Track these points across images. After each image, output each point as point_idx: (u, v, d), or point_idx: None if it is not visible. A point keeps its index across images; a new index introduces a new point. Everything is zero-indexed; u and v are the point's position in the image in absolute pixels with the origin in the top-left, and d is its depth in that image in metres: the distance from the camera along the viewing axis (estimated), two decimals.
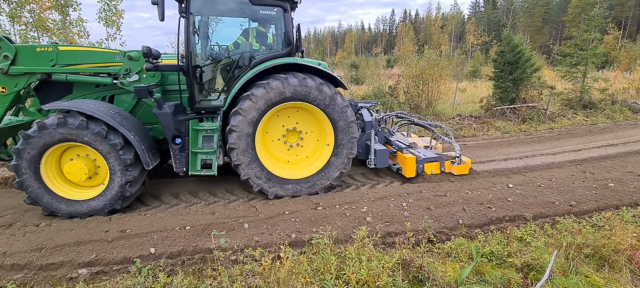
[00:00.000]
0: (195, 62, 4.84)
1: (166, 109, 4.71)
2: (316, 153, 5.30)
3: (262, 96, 4.61)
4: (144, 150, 4.45)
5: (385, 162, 5.70)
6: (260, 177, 4.90)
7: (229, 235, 3.79)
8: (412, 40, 66.33)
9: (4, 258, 3.47)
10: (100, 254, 3.51)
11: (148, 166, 4.51)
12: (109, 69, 4.95)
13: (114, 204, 4.50)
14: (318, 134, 5.24)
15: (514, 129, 9.61)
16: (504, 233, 3.91)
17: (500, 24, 52.78)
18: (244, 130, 4.67)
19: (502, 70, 11.51)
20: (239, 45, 5.41)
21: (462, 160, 5.67)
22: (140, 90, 4.65)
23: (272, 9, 4.93)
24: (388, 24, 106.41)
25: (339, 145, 5.09)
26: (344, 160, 5.14)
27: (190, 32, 4.67)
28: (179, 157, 4.84)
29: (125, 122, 4.47)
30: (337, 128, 5.01)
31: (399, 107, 12.00)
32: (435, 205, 4.54)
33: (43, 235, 3.93)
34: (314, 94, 4.75)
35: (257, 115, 4.67)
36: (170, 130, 4.75)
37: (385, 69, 29.82)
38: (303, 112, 5.07)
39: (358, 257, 3.17)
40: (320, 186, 5.14)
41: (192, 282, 3.10)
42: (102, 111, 4.32)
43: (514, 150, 7.41)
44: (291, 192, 5.04)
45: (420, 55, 13.39)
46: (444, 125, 6.75)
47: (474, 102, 14.54)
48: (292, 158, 5.29)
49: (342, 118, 4.96)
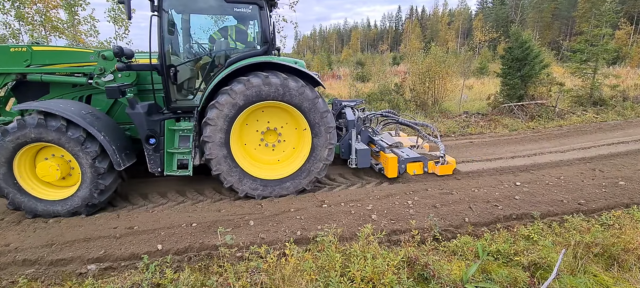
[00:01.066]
0: (170, 61, 4.74)
1: (139, 108, 4.64)
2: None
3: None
4: (114, 150, 4.38)
5: (367, 162, 5.57)
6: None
7: (235, 232, 3.82)
8: (419, 37, 65.80)
9: (16, 254, 3.54)
10: (109, 250, 3.57)
11: (119, 166, 4.43)
12: (84, 69, 4.92)
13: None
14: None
15: (521, 126, 9.49)
16: (510, 232, 3.88)
17: (508, 20, 52.06)
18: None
19: (510, 66, 11.37)
20: (214, 41, 5.29)
21: (446, 161, 5.55)
22: (111, 90, 4.57)
23: (247, 6, 4.81)
24: (394, 21, 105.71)
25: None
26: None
27: (164, 30, 4.60)
28: (153, 157, 4.78)
29: (96, 122, 4.40)
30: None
31: (405, 105, 11.94)
32: (441, 203, 4.52)
33: (53, 232, 4.00)
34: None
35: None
36: (143, 130, 4.69)
37: (391, 67, 29.65)
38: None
39: (363, 254, 3.17)
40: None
41: (199, 278, 3.13)
42: (72, 111, 4.24)
43: (521, 148, 7.32)
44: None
45: (426, 52, 13.28)
46: (431, 125, 6.61)
47: (481, 100, 14.38)
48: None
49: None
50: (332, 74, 29.22)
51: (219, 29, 5.38)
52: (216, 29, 5.41)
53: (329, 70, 31.33)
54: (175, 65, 4.79)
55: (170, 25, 4.78)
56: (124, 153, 4.58)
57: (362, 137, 6.00)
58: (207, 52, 5.29)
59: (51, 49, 5.10)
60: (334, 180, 5.77)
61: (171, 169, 4.82)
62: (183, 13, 5.17)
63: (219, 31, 5.32)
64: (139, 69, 4.90)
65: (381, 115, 7.07)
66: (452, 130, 9.03)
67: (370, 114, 6.77)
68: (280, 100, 4.64)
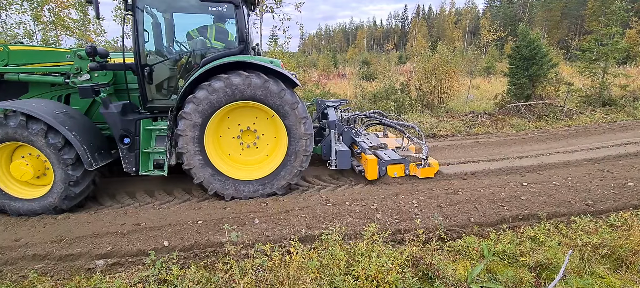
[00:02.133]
0: (145, 61, 4.71)
1: (112, 108, 4.62)
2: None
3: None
4: (85, 149, 4.35)
5: (347, 163, 5.51)
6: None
7: (240, 230, 3.85)
8: (425, 36, 65.40)
9: (26, 249, 3.61)
10: (116, 246, 3.62)
11: (90, 166, 4.39)
12: (60, 69, 4.91)
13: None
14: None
15: (529, 126, 9.40)
16: (516, 232, 3.85)
17: (516, 18, 51.44)
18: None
19: (518, 66, 11.26)
20: (192, 38, 5.24)
21: (428, 163, 5.47)
22: (83, 90, 4.54)
23: (222, 5, 4.76)
24: (400, 20, 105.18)
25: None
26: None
27: (139, 29, 4.56)
28: (127, 157, 4.76)
29: (69, 121, 4.39)
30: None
31: (411, 104, 11.89)
32: (446, 203, 4.50)
33: (62, 227, 4.07)
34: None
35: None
36: (117, 130, 4.66)
37: (397, 66, 29.51)
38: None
39: (367, 253, 3.18)
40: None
41: (204, 275, 3.16)
42: (44, 110, 4.24)
43: (528, 148, 7.26)
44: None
45: (433, 51, 13.21)
46: (416, 126, 6.54)
47: (488, 99, 14.26)
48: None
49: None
50: (337, 72, 29.18)
51: (197, 28, 5.30)
52: (194, 28, 5.32)
53: (335, 69, 31.29)
54: (149, 64, 4.75)
55: (146, 24, 4.74)
56: (97, 153, 4.55)
57: (345, 137, 5.91)
58: (183, 52, 5.20)
59: (28, 48, 5.11)
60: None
61: (147, 169, 4.81)
62: (158, 11, 5.08)
63: (197, 30, 5.26)
64: (113, 68, 4.87)
65: (365, 116, 6.96)
66: (458, 130, 8.97)
67: (354, 115, 6.68)
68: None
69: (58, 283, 3.17)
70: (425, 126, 9.24)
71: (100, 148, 4.68)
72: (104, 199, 5.09)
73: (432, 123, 9.63)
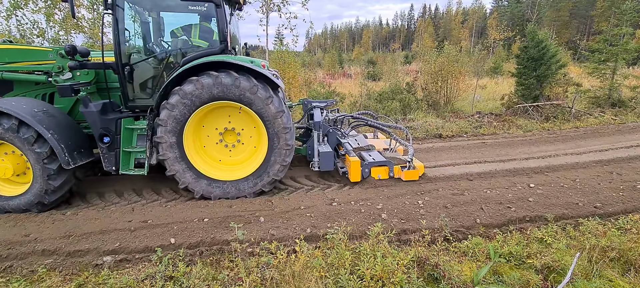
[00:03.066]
0: (125, 60, 4.70)
1: (92, 107, 4.61)
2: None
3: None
4: (63, 148, 4.35)
5: (330, 165, 5.40)
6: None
7: (246, 228, 3.87)
8: (431, 36, 65.03)
9: (36, 244, 3.67)
10: (124, 243, 3.66)
11: (67, 165, 4.39)
12: (43, 67, 4.90)
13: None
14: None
15: (536, 127, 9.30)
16: (523, 234, 3.82)
17: (524, 18, 50.86)
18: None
19: (526, 66, 11.15)
20: (176, 37, 5.23)
21: (413, 166, 5.39)
22: (62, 88, 4.52)
23: (203, 4, 4.72)
24: (406, 20, 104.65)
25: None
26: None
27: (119, 27, 4.55)
28: (107, 156, 4.75)
29: (47, 119, 4.38)
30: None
31: (417, 104, 11.84)
32: (452, 204, 4.48)
33: (70, 223, 4.12)
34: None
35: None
36: (96, 129, 4.65)
37: (403, 65, 29.40)
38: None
39: (373, 253, 3.18)
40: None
41: (210, 272, 3.19)
42: (23, 108, 4.27)
43: (536, 149, 7.18)
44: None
45: (439, 51, 13.14)
46: (404, 127, 6.49)
47: (495, 100, 14.14)
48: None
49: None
50: (343, 72, 29.16)
51: (182, 26, 5.27)
52: (178, 27, 5.30)
53: (340, 69, 31.26)
54: (130, 63, 4.74)
55: (127, 22, 4.74)
56: (75, 151, 4.55)
57: (330, 139, 5.80)
58: (164, 51, 5.15)
59: (11, 47, 5.11)
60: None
61: (127, 168, 4.80)
62: (139, 9, 5.07)
63: (181, 29, 5.23)
64: (93, 67, 4.85)
65: (352, 117, 6.85)
66: (465, 131, 8.91)
67: (341, 116, 6.61)
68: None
69: (66, 278, 3.22)
70: (431, 126, 9.20)
71: (80, 147, 4.67)
72: (111, 196, 5.15)
73: (438, 123, 9.58)
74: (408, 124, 9.67)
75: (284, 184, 5.60)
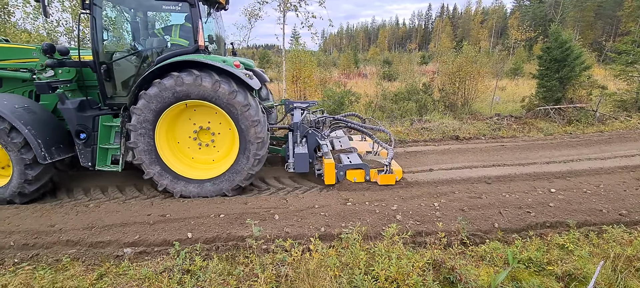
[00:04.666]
0: (103, 58, 4.76)
1: (69, 104, 4.69)
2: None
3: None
4: (39, 143, 4.48)
5: (305, 166, 5.25)
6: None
7: (261, 225, 3.90)
8: (449, 36, 63.94)
9: (60, 234, 3.82)
10: (143, 235, 3.76)
11: (44, 160, 4.52)
12: (27, 65, 5.04)
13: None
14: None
15: (558, 130, 9.01)
16: (544, 240, 3.71)
17: (546, 18, 49.35)
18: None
19: (548, 68, 10.82)
20: (156, 36, 5.26)
21: (390, 170, 5.22)
22: (40, 85, 4.68)
23: (177, 3, 4.74)
24: (424, 19, 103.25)
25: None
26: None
27: (97, 27, 4.61)
28: (83, 152, 4.85)
29: (27, 115, 4.53)
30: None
31: (434, 105, 11.67)
32: (469, 207, 4.40)
33: (93, 215, 4.27)
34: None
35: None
36: (73, 126, 4.74)
37: (419, 66, 29.05)
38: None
39: (387, 254, 3.16)
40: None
41: (226, 267, 3.24)
42: (4, 104, 4.44)
43: (557, 153, 6.97)
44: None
45: (458, 52, 12.92)
46: (388, 130, 6.39)
47: (515, 101, 13.79)
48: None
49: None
50: (358, 72, 29.04)
51: (163, 27, 5.30)
52: (159, 27, 5.35)
53: (355, 69, 31.15)
54: (107, 61, 4.81)
55: (106, 22, 4.80)
56: (53, 147, 4.68)
57: (310, 140, 5.68)
58: (141, 50, 5.18)
59: None
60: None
61: (104, 164, 4.89)
62: (116, 8, 5.10)
63: (162, 29, 5.26)
64: (72, 65, 4.92)
65: (333, 118, 6.71)
66: (483, 133, 8.73)
67: (322, 117, 6.50)
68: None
69: (89, 268, 3.33)
70: (447, 128, 9.05)
71: (59, 142, 4.80)
72: (131, 190, 5.30)
73: (455, 125, 9.41)
74: (424, 125, 9.54)
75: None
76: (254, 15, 13.50)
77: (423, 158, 6.72)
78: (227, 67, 4.54)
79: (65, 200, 5.04)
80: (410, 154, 7.02)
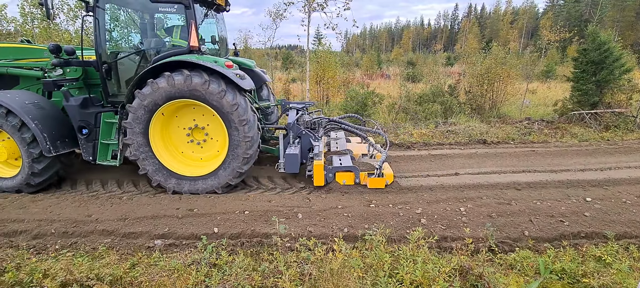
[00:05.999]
0: (105, 58, 5.00)
1: (72, 101, 4.97)
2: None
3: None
4: (45, 137, 4.76)
5: (295, 167, 5.27)
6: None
7: (285, 223, 3.95)
8: (476, 37, 61.96)
9: (97, 224, 4.03)
10: (172, 228, 3.90)
11: (49, 152, 4.81)
12: (40, 64, 5.37)
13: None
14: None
15: (594, 136, 8.56)
16: (578, 251, 3.54)
17: (582, 18, 46.89)
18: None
19: (584, 70, 10.28)
20: (155, 36, 5.42)
21: (381, 174, 5.10)
22: (46, 83, 5.00)
23: (172, 5, 4.87)
24: (450, 20, 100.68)
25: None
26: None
27: (100, 29, 4.84)
28: (85, 146, 5.11)
29: (36, 110, 4.84)
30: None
31: (460, 108, 11.37)
32: (497, 213, 4.26)
33: (126, 207, 4.47)
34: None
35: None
36: (75, 122, 5.00)
37: (444, 67, 28.36)
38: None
39: (412, 257, 3.12)
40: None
41: (250, 263, 3.30)
42: (14, 101, 4.75)
43: (593, 161, 6.61)
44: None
45: (487, 52, 12.50)
46: (385, 133, 6.23)
47: (546, 105, 13.20)
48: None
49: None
50: (381, 73, 28.74)
51: (165, 28, 5.48)
52: (161, 28, 5.54)
53: (378, 69, 30.84)
54: (108, 61, 5.04)
55: (108, 23, 5.03)
56: (58, 141, 4.97)
57: (303, 141, 5.73)
58: (140, 50, 5.34)
59: (14, 45, 5.67)
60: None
61: (105, 159, 5.13)
62: (117, 10, 5.31)
63: (165, 31, 5.42)
64: (75, 64, 5.17)
65: (329, 120, 6.63)
66: (512, 137, 8.42)
67: (317, 118, 6.43)
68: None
69: (123, 257, 3.49)
70: (474, 131, 8.80)
71: (64, 137, 5.09)
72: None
73: (482, 128, 9.13)
74: (449, 127, 9.32)
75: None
76: (278, 16, 13.65)
77: (448, 162, 6.58)
78: (216, 67, 4.62)
79: (100, 191, 5.30)
80: (435, 157, 6.89)
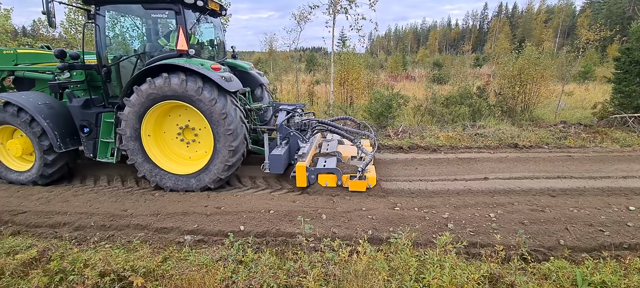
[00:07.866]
0: (104, 62, 5.27)
1: (75, 102, 5.33)
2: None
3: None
4: (55, 134, 5.19)
5: (280, 168, 5.33)
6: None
7: (309, 224, 3.98)
8: (507, 37, 59.58)
9: (131, 218, 4.23)
10: (201, 225, 4.04)
11: (59, 149, 5.24)
12: (50, 68, 5.81)
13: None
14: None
15: (638, 142, 8.00)
16: (621, 263, 3.32)
17: (624, 16, 44.01)
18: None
19: (627, 71, 9.64)
20: (153, 40, 5.65)
21: (363, 177, 5.03)
22: (52, 85, 5.43)
23: (164, 11, 5.10)
24: (479, 20, 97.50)
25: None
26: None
27: (101, 34, 5.11)
28: (86, 144, 5.49)
29: (47, 110, 5.26)
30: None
31: (489, 110, 10.98)
32: (530, 221, 4.08)
33: (158, 203, 4.67)
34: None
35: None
36: (77, 121, 5.37)
37: (472, 68, 27.50)
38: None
39: (440, 262, 3.05)
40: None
41: (276, 261, 3.35)
42: (29, 101, 5.18)
43: (637, 167, 6.18)
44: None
45: (519, 53, 11.99)
46: (373, 136, 6.15)
47: (584, 108, 12.50)
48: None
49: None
50: (406, 74, 28.28)
51: (165, 33, 5.70)
52: (161, 33, 5.79)
53: (403, 71, 30.37)
54: (107, 65, 5.33)
55: (108, 29, 5.31)
56: (68, 138, 5.40)
57: (292, 142, 5.78)
58: (136, 54, 5.55)
59: (30, 51, 6.19)
60: None
61: (104, 156, 5.46)
62: (117, 17, 5.56)
63: (164, 37, 5.64)
64: (80, 68, 5.51)
65: (318, 122, 6.59)
66: (546, 141, 8.03)
67: (306, 120, 6.39)
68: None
69: (155, 251, 3.65)
70: (504, 135, 8.46)
71: (73, 134, 5.51)
72: None
73: (513, 132, 8.76)
74: (478, 130, 9.01)
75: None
76: (303, 18, 13.76)
77: (477, 166, 6.37)
78: (195, 68, 4.79)
79: (135, 188, 5.57)
80: (463, 161, 6.69)
